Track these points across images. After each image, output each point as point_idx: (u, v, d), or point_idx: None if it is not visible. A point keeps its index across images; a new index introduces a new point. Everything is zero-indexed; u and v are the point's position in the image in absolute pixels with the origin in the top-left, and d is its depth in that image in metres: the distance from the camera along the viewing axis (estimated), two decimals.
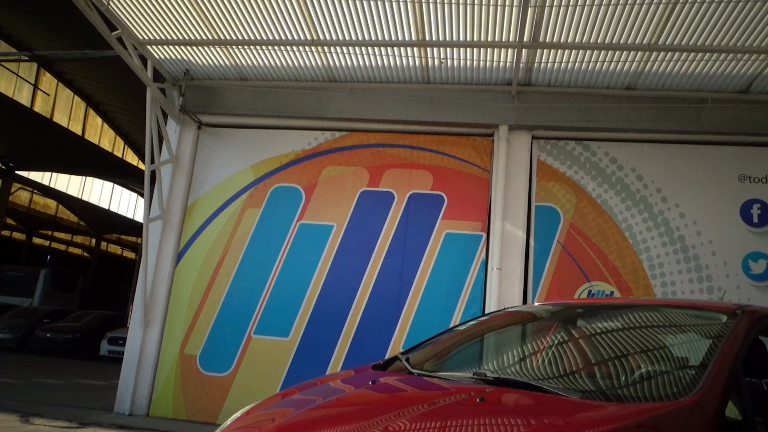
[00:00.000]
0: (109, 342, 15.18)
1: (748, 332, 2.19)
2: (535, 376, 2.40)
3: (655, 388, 2.05)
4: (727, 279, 6.90)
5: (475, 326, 3.04)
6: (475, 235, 7.36)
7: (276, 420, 1.95)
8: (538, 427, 1.61)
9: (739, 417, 1.94)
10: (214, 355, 7.41)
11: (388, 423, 1.76)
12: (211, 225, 7.86)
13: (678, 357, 2.19)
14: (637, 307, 2.80)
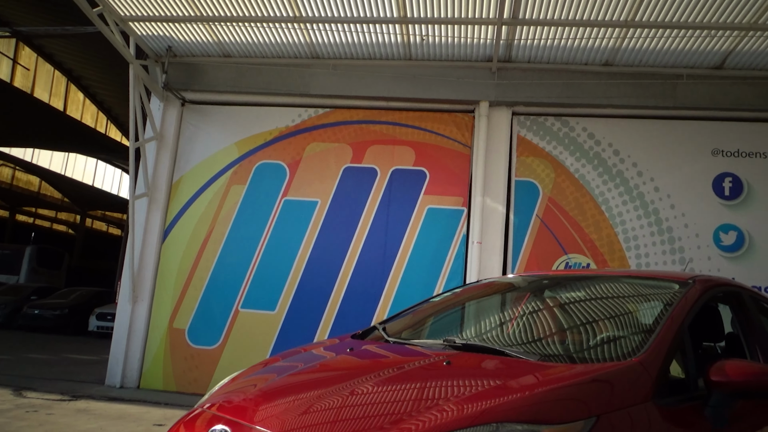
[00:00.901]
0: (97, 318, 15.28)
1: (696, 300, 2.38)
2: (500, 342, 2.58)
3: (607, 350, 2.24)
4: (699, 250, 7.15)
5: (449, 298, 3.22)
6: (457, 210, 7.53)
7: (258, 385, 2.12)
8: (496, 386, 1.79)
9: (682, 376, 2.14)
10: (202, 328, 7.58)
11: (358, 385, 1.94)
12: (197, 202, 7.95)
13: (631, 323, 2.37)
14: (599, 278, 2.99)
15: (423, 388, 1.89)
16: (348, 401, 1.84)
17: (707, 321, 2.98)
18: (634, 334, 2.23)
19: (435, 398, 1.76)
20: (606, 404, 1.73)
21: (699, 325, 2.98)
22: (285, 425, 1.74)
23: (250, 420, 1.81)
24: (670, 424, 1.86)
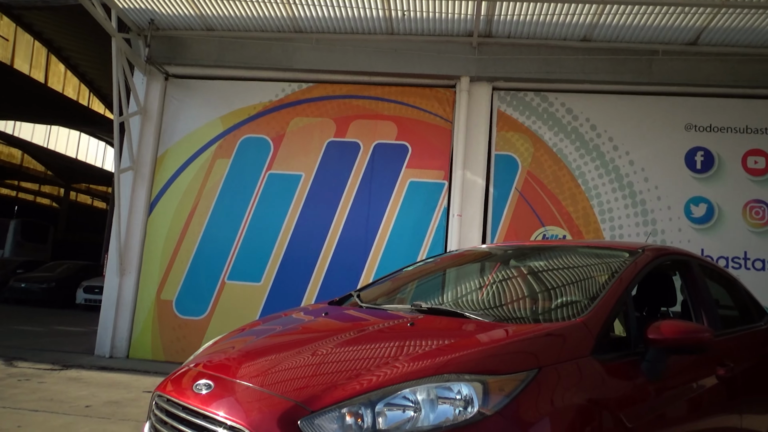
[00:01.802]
0: (84, 291, 15.39)
1: (642, 267, 2.59)
2: (462, 306, 2.80)
3: (556, 312, 2.46)
4: (670, 222, 7.41)
5: (421, 267, 3.43)
6: (438, 184, 7.71)
7: (238, 346, 2.32)
8: (450, 343, 2.00)
9: (623, 334, 2.36)
10: (189, 300, 7.76)
11: (328, 344, 2.14)
12: (182, 175, 8.05)
13: (582, 288, 2.59)
14: (559, 248, 3.21)
15: (386, 346, 2.09)
16: (318, 358, 2.04)
17: (662, 288, 3.22)
18: (582, 298, 2.44)
19: (395, 355, 1.96)
20: (548, 358, 1.94)
21: (654, 292, 3.22)
22: (262, 378, 1.94)
23: (232, 375, 2.00)
24: (607, 375, 2.08)
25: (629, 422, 2.06)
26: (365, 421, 1.69)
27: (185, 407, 1.94)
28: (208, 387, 1.95)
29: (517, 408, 1.75)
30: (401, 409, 1.71)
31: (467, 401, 1.73)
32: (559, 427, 1.80)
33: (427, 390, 1.74)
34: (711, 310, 3.00)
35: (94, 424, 4.30)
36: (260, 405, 1.78)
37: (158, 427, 2.08)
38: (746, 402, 2.94)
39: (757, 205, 7.32)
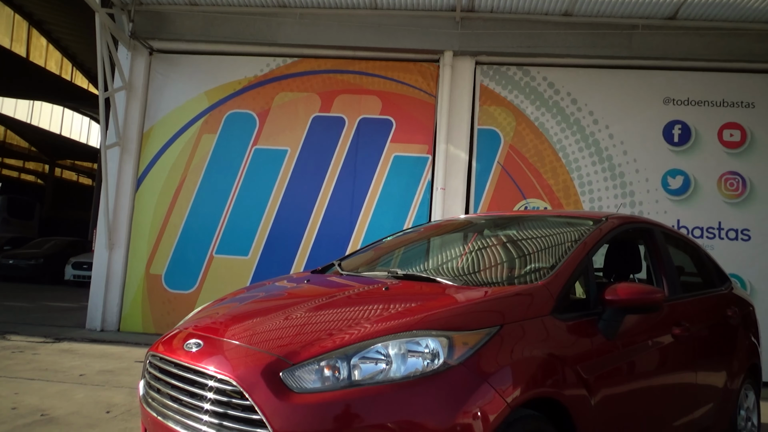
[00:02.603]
0: (73, 267, 15.46)
1: (603, 235, 2.77)
2: (435, 272, 2.97)
3: (522, 277, 2.64)
4: (648, 194, 7.62)
5: (400, 237, 3.60)
6: (422, 158, 7.85)
7: (223, 311, 2.49)
8: (419, 304, 2.17)
9: (583, 296, 2.55)
10: (178, 274, 7.90)
11: (308, 306, 2.32)
12: (169, 151, 8.12)
13: (547, 255, 2.76)
14: (530, 218, 3.39)
15: (361, 307, 2.26)
16: (299, 319, 2.21)
17: (628, 255, 3.41)
18: (546, 263, 2.62)
19: (369, 315, 2.13)
20: (509, 316, 2.12)
21: (621, 259, 3.41)
22: (248, 337, 2.10)
23: (219, 335, 2.17)
24: (565, 332, 2.27)
25: (585, 374, 2.26)
26: (342, 372, 1.86)
27: (177, 364, 2.11)
28: (197, 345, 2.11)
29: (478, 359, 1.92)
30: (374, 362, 1.88)
31: (434, 354, 1.90)
32: (517, 376, 1.98)
33: (398, 344, 1.91)
34: (671, 275, 3.20)
35: (88, 391, 4.47)
36: (246, 359, 1.94)
37: (153, 384, 2.25)
38: (702, 360, 3.17)
39: (732, 177, 7.53)
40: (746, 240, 7.37)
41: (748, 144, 7.54)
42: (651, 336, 2.73)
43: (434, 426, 1.78)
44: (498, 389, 1.91)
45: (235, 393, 1.86)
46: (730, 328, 3.59)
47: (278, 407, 1.77)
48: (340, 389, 1.81)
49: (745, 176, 7.46)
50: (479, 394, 1.87)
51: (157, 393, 2.20)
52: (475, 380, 1.88)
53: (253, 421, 1.80)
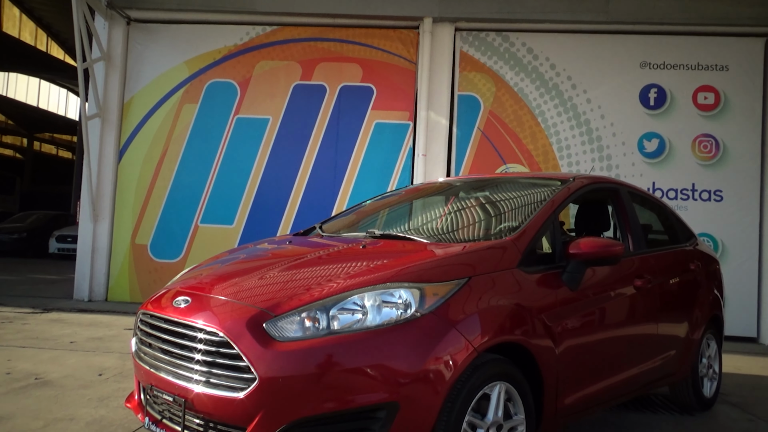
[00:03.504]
0: (57, 240, 15.44)
1: (569, 194, 2.92)
2: (412, 231, 3.12)
3: (493, 233, 2.79)
4: (624, 157, 7.79)
5: (380, 200, 3.73)
6: (403, 125, 7.93)
7: (209, 271, 2.62)
8: (394, 260, 2.31)
9: (549, 251, 2.71)
10: (163, 243, 7.99)
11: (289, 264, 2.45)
12: (150, 121, 8.11)
13: (517, 213, 2.91)
14: (504, 180, 3.53)
15: (339, 264, 2.40)
16: (280, 276, 2.35)
17: (596, 215, 3.58)
18: (515, 220, 2.77)
19: (347, 270, 2.27)
20: (477, 269, 2.27)
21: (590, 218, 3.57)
22: (233, 293, 2.23)
23: (206, 291, 2.29)
24: (530, 283, 2.43)
25: (549, 322, 2.43)
26: (321, 323, 2.00)
27: (167, 320, 2.24)
28: (186, 302, 2.24)
29: (447, 308, 2.08)
30: (351, 313, 2.02)
31: (407, 305, 2.05)
32: (483, 323, 2.14)
33: (373, 296, 2.05)
34: (636, 232, 3.37)
35: (80, 356, 4.60)
36: (232, 313, 2.08)
37: (144, 339, 2.38)
38: (664, 311, 3.36)
39: (706, 140, 7.71)
40: (719, 201, 7.60)
41: (721, 107, 7.70)
42: (614, 287, 2.90)
43: (407, 368, 1.94)
44: (466, 335, 2.06)
45: (223, 343, 2.00)
46: (693, 281, 3.79)
47: (262, 354, 1.91)
48: (319, 337, 1.95)
49: (718, 138, 7.64)
50: (448, 339, 2.02)
51: (149, 348, 2.33)
52: (444, 327, 2.04)
53: (240, 367, 1.94)
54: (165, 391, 2.15)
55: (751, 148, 7.60)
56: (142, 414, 2.38)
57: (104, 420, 3.14)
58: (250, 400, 1.89)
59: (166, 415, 2.25)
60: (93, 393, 3.63)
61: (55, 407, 3.31)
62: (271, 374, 1.88)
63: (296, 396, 1.88)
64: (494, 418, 2.16)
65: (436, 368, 1.97)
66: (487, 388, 2.14)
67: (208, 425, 2.06)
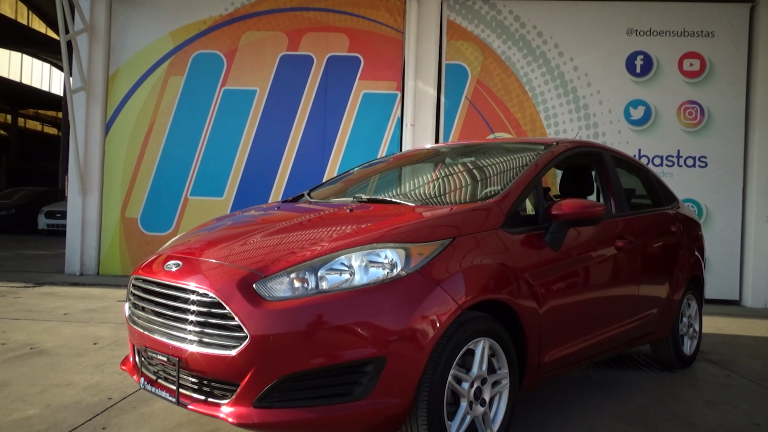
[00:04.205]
0: (46, 216, 15.37)
1: (552, 158, 2.98)
2: (399, 196, 3.17)
3: (479, 195, 2.85)
4: (611, 125, 7.84)
5: (368, 167, 3.77)
6: (391, 95, 7.92)
7: (198, 237, 2.66)
8: (380, 222, 2.36)
9: (532, 212, 2.77)
10: (154, 216, 8.00)
11: (277, 228, 2.50)
12: (136, 94, 8.05)
13: (502, 176, 2.96)
14: (489, 146, 3.58)
15: (327, 227, 2.46)
16: (269, 239, 2.40)
17: (580, 179, 3.64)
18: (500, 183, 2.82)
19: (334, 233, 2.32)
20: (462, 230, 2.33)
21: (574, 183, 3.64)
22: (223, 256, 2.28)
23: (197, 255, 2.34)
24: (514, 244, 2.50)
25: (532, 280, 2.51)
26: (309, 283, 2.06)
27: (159, 283, 2.29)
28: (177, 265, 2.29)
29: (432, 267, 2.14)
30: (339, 273, 2.08)
31: (393, 264, 2.11)
32: (467, 281, 2.21)
33: (360, 256, 2.11)
34: (618, 194, 3.45)
35: (74, 327, 4.66)
36: (222, 275, 2.13)
37: (137, 303, 2.44)
38: (646, 271, 3.46)
39: (691, 106, 7.77)
40: (703, 167, 7.69)
41: (707, 73, 7.74)
42: (596, 248, 2.98)
43: (393, 325, 2.01)
44: (450, 293, 2.13)
45: (214, 304, 2.06)
46: (675, 243, 3.89)
47: (253, 313, 1.97)
48: (308, 296, 2.01)
49: (703, 105, 7.70)
50: (433, 296, 2.09)
51: (142, 311, 2.39)
52: (429, 285, 2.10)
53: (231, 326, 2.01)
54: (159, 352, 2.22)
55: (735, 115, 7.67)
56: (138, 375, 2.45)
57: (101, 385, 3.21)
58: (242, 357, 1.96)
59: (161, 375, 2.31)
60: (88, 360, 3.69)
61: (52, 374, 3.38)
62: (261, 332, 1.95)
63: (286, 352, 1.95)
64: (478, 372, 2.25)
65: (422, 324, 2.05)
66: (471, 343, 2.22)
67: (202, 383, 2.13)
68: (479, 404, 2.27)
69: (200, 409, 2.10)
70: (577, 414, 3.02)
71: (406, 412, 2.04)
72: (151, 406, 2.90)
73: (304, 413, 1.96)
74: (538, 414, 2.99)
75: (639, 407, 3.18)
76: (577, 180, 3.61)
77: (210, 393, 2.12)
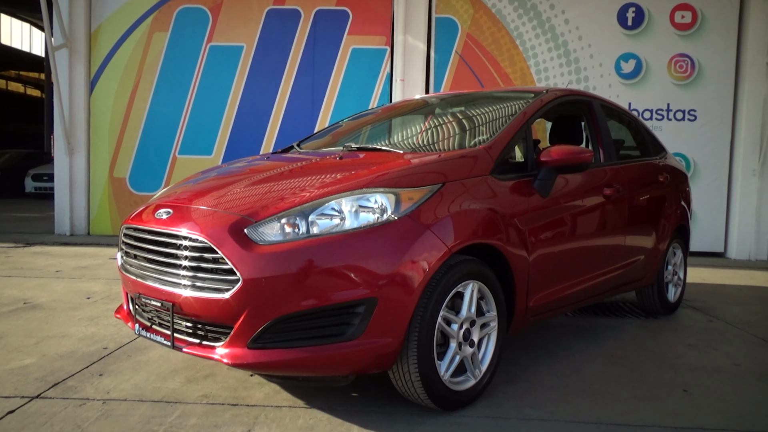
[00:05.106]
0: (33, 179, 15.21)
1: (541, 105, 2.97)
2: (388, 144, 3.17)
3: (468, 143, 2.86)
4: (601, 78, 7.80)
5: (358, 119, 3.75)
6: (380, 50, 7.81)
7: (187, 187, 2.65)
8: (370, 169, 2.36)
9: (522, 160, 2.79)
10: (142, 176, 7.94)
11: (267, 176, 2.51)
12: (120, 51, 7.88)
13: (492, 125, 2.96)
14: (479, 95, 3.56)
15: (317, 174, 2.46)
16: (259, 186, 2.40)
17: (569, 128, 3.65)
18: (490, 131, 2.83)
19: (324, 179, 2.33)
20: (451, 175, 2.34)
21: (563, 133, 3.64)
22: (214, 202, 2.29)
23: (187, 203, 2.34)
24: (503, 190, 2.51)
25: (521, 226, 2.54)
26: (300, 228, 2.07)
27: (151, 231, 2.30)
28: (168, 213, 2.30)
29: (422, 211, 2.16)
30: (329, 218, 2.10)
31: (383, 209, 2.12)
32: (457, 225, 2.24)
33: (350, 201, 2.12)
34: (607, 144, 3.46)
35: (67, 283, 4.68)
36: (213, 220, 2.14)
37: (129, 252, 2.45)
38: (632, 219, 3.50)
39: (682, 59, 7.73)
40: (692, 120, 7.71)
41: (698, 26, 7.67)
42: (584, 196, 3.01)
43: (384, 267, 2.04)
44: (440, 236, 2.16)
45: (206, 249, 2.07)
46: (662, 192, 3.93)
47: (244, 257, 1.99)
48: (299, 240, 2.03)
49: (694, 58, 7.66)
50: (423, 240, 2.12)
51: (134, 259, 2.40)
52: (419, 229, 2.13)
53: (224, 270, 2.03)
54: (153, 298, 2.24)
55: (726, 68, 7.65)
56: (132, 322, 2.48)
57: (96, 336, 3.25)
58: (235, 300, 1.99)
59: (156, 321, 2.35)
60: (83, 314, 3.73)
61: (47, 327, 3.41)
62: (253, 275, 1.97)
63: (279, 295, 1.98)
64: (467, 314, 2.30)
65: (412, 267, 2.07)
66: (460, 286, 2.26)
67: (196, 326, 2.17)
68: (468, 345, 2.32)
69: (195, 351, 2.14)
70: (563, 357, 3.10)
71: (396, 351, 2.09)
72: (147, 354, 2.95)
73: (298, 353, 2.00)
74: (524, 357, 3.07)
75: (623, 350, 3.27)
76: (567, 131, 3.62)
77: (204, 336, 2.16)
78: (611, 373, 2.87)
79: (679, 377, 2.85)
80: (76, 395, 2.40)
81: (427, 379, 2.15)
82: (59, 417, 2.18)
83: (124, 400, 2.36)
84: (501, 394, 2.53)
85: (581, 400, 2.50)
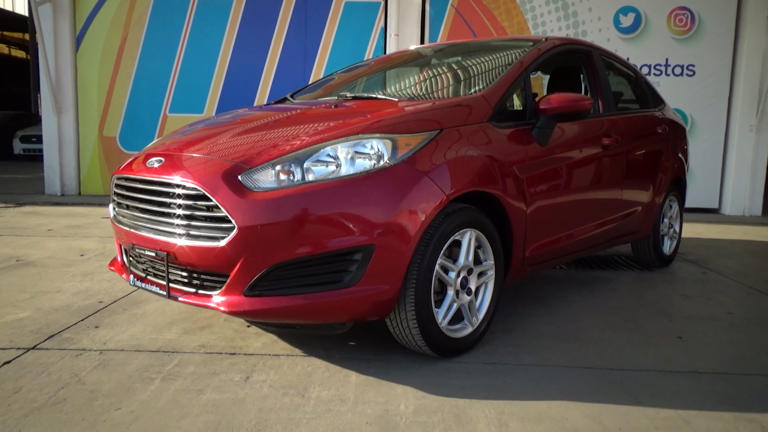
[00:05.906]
0: (21, 141, 14.96)
1: (540, 53, 2.90)
2: (383, 93, 3.10)
3: (463, 91, 2.79)
4: (600, 33, 7.66)
5: (352, 71, 3.66)
6: (373, 3, 7.62)
7: (179, 136, 2.58)
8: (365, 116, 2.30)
9: (520, 108, 2.73)
10: (132, 135, 7.82)
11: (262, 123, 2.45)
12: (105, 6, 7.66)
13: (490, 73, 2.89)
14: (476, 44, 3.47)
15: (312, 121, 2.40)
16: (253, 134, 2.34)
17: (569, 78, 3.58)
18: (488, 79, 2.76)
19: (319, 126, 2.27)
20: (449, 122, 2.29)
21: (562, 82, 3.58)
22: (207, 150, 2.23)
23: (179, 151, 2.29)
24: (501, 137, 2.47)
25: (519, 174, 2.50)
26: (295, 175, 2.03)
27: (143, 180, 2.25)
28: (159, 161, 2.24)
29: (419, 158, 2.11)
30: (325, 165, 2.05)
31: (379, 155, 2.08)
32: (454, 172, 2.20)
33: (346, 148, 2.08)
34: (606, 94, 3.41)
35: (59, 241, 4.64)
36: (206, 168, 2.09)
37: (121, 202, 2.40)
38: (630, 170, 3.47)
39: (681, 13, 7.58)
40: (691, 75, 7.62)
41: None
42: (582, 146, 2.97)
43: (381, 213, 2.00)
44: (437, 183, 2.12)
45: (200, 197, 2.03)
46: (659, 144, 3.89)
47: (239, 203, 1.95)
48: (294, 187, 1.99)
49: (694, 12, 7.52)
50: (420, 186, 2.08)
51: (127, 209, 2.36)
52: (416, 175, 2.09)
53: (219, 218, 1.99)
54: (147, 248, 2.21)
55: (725, 22, 7.52)
56: (126, 274, 2.45)
57: (90, 290, 3.23)
58: (230, 248, 1.96)
59: (150, 271, 2.32)
60: (76, 270, 3.70)
61: (41, 282, 3.39)
62: (249, 222, 1.93)
63: (275, 242, 1.94)
64: (465, 262, 2.28)
65: (409, 213, 2.04)
66: (458, 234, 2.23)
67: (192, 275, 2.14)
68: (465, 293, 2.32)
69: (191, 300, 2.12)
70: (559, 307, 3.11)
71: (394, 299, 2.08)
72: (142, 307, 2.94)
73: (295, 300, 1.98)
74: (521, 307, 3.08)
75: (618, 300, 3.29)
76: (565, 82, 3.56)
77: (200, 285, 2.14)
78: (607, 321, 2.89)
79: (674, 325, 2.87)
80: (73, 346, 2.39)
81: (425, 326, 2.15)
82: (56, 366, 2.18)
83: (121, 350, 2.35)
84: (498, 341, 2.54)
85: (577, 347, 2.51)
